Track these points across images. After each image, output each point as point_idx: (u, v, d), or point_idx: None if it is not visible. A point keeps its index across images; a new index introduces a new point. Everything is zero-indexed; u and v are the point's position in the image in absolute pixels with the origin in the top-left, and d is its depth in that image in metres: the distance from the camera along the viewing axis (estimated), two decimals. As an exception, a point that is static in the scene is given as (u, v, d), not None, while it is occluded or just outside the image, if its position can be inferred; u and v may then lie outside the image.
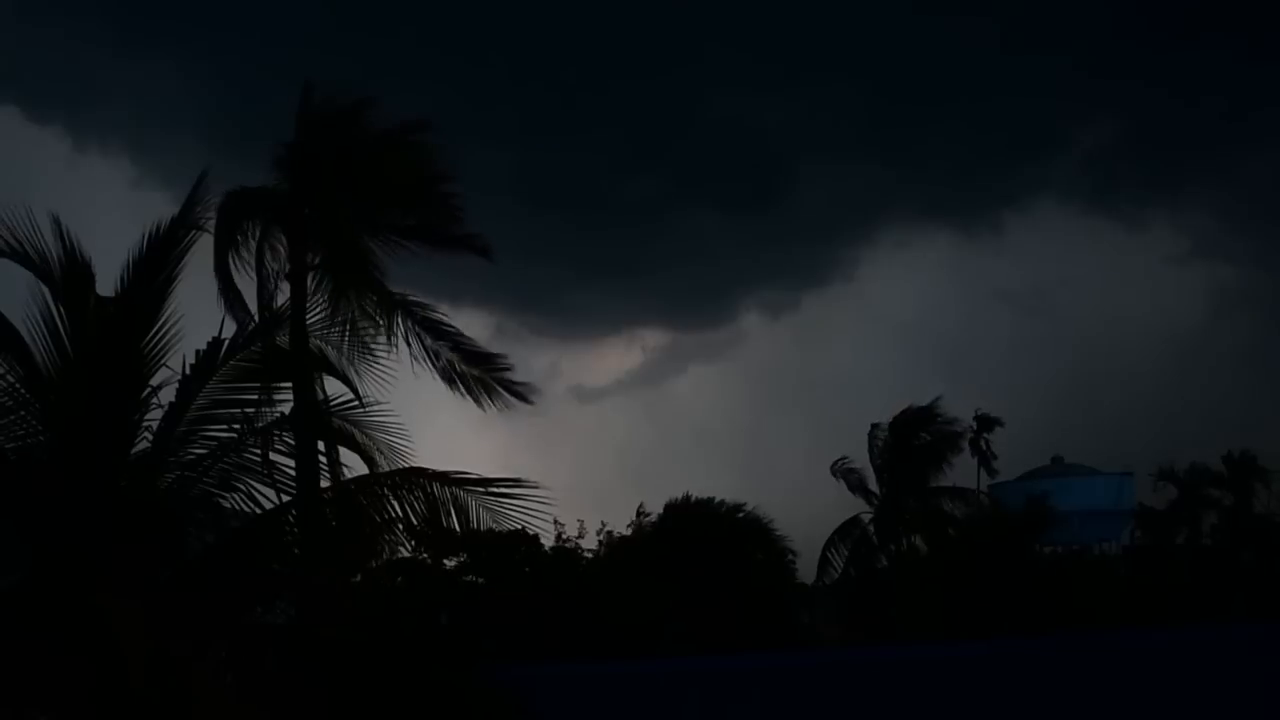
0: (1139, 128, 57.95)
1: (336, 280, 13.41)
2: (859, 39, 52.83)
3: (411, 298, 14.85)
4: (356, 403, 10.39)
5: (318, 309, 12.89)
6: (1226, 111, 56.72)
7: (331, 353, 12.00)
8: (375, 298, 14.10)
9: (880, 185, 58.49)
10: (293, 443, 8.76)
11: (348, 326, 12.69)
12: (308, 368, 10.46)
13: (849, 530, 30.31)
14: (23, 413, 8.09)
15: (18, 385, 8.11)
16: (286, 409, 9.14)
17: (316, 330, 11.88)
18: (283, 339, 10.38)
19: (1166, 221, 64.49)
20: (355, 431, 10.06)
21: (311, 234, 13.87)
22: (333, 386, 11.35)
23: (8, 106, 50.15)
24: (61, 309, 8.28)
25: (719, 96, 54.67)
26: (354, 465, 10.07)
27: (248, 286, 13.68)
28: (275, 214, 13.86)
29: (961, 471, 32.12)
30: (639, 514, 27.33)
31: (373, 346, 12.73)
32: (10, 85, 51.04)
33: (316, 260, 13.76)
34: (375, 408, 9.98)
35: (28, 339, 8.20)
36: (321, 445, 9.87)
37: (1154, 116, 56.96)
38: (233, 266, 13.59)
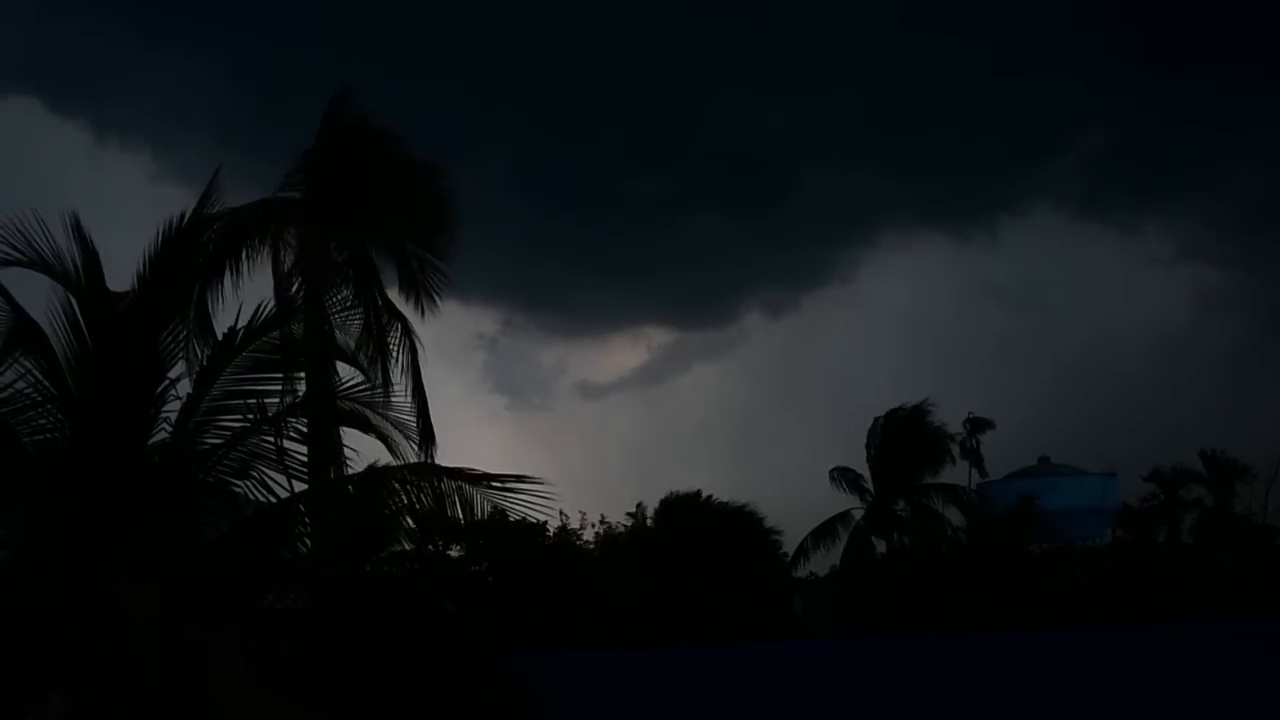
0: (1132, 138, 58.67)
1: (355, 281, 13.81)
2: (861, 52, 53.42)
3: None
4: (368, 385, 10.64)
5: (334, 304, 13.30)
6: (1217, 123, 57.50)
7: (345, 340, 12.29)
8: (381, 302, 14.63)
9: (880, 191, 59.00)
10: (305, 430, 9.01)
11: (364, 319, 13.17)
12: (322, 355, 10.70)
13: (834, 526, 30.75)
14: (49, 406, 8.32)
15: (41, 380, 8.34)
16: (297, 399, 9.37)
17: (334, 314, 12.26)
18: (297, 330, 10.62)
19: (1157, 226, 65.14)
20: (368, 413, 10.30)
21: (328, 234, 14.23)
22: (344, 376, 11.54)
23: (29, 98, 50.10)
24: (80, 307, 8.51)
25: (726, 104, 55.34)
26: (365, 450, 10.28)
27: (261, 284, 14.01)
28: (291, 214, 14.19)
29: (953, 469, 32.55)
30: (637, 512, 27.64)
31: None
32: (32, 78, 51.10)
33: (338, 258, 14.19)
34: (387, 389, 10.19)
35: (49, 335, 8.43)
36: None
37: (1146, 128, 57.65)
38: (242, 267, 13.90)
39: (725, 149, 56.71)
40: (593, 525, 27.34)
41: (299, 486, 8.90)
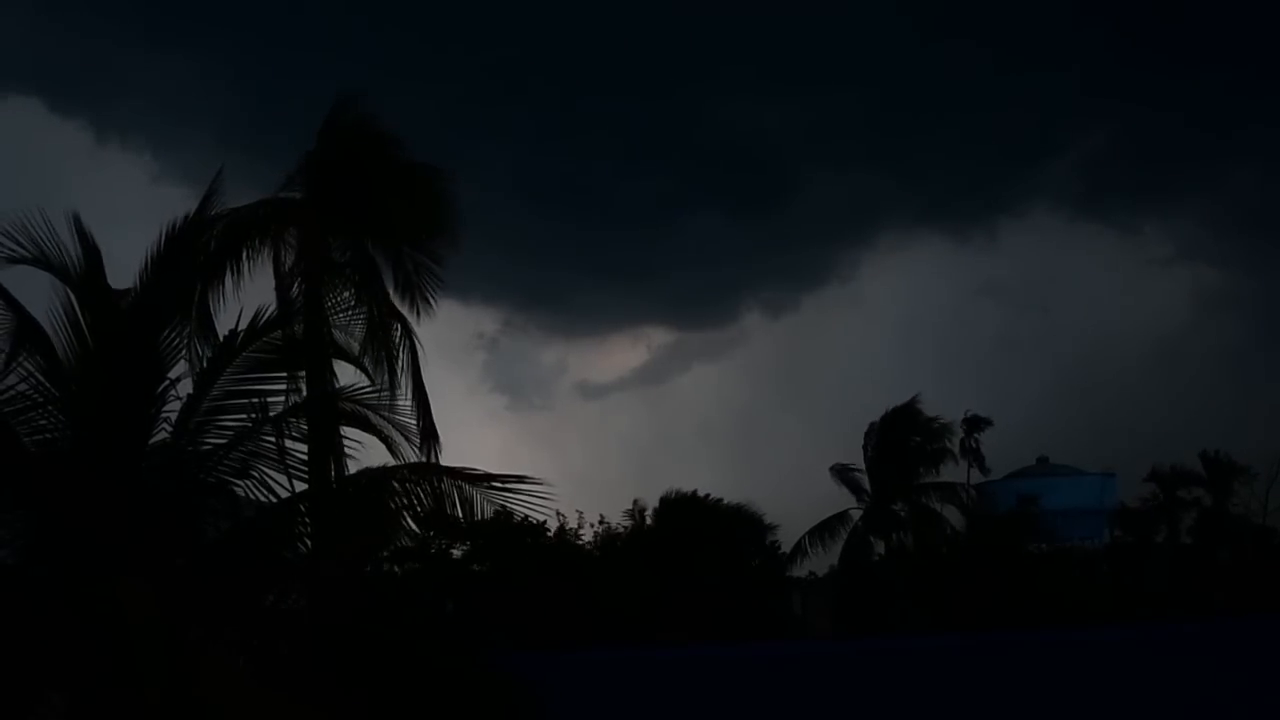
0: (1131, 138, 58.85)
1: (356, 282, 13.92)
2: (861, 52, 53.67)
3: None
4: (370, 387, 10.70)
5: (336, 305, 13.38)
6: (1216, 124, 57.68)
7: (345, 339, 12.36)
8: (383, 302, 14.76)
9: (880, 191, 59.20)
10: (305, 429, 9.04)
11: (367, 319, 13.29)
12: (322, 355, 10.75)
13: (833, 525, 30.77)
14: (50, 406, 8.33)
15: (43, 381, 8.35)
16: (301, 398, 9.41)
17: (335, 315, 12.35)
18: (298, 331, 10.67)
19: (1156, 227, 65.32)
20: (369, 414, 10.35)
21: (329, 235, 14.31)
22: (345, 376, 11.61)
23: (30, 98, 50.23)
24: (81, 305, 8.53)
25: (725, 104, 55.60)
26: (368, 446, 10.32)
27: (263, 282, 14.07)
28: (293, 215, 14.25)
29: (952, 468, 32.58)
30: (634, 509, 27.70)
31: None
32: (32, 78, 51.31)
33: (339, 258, 14.29)
34: (388, 392, 10.25)
35: (50, 335, 8.45)
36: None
37: (1145, 128, 57.82)
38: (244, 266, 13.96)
39: (725, 149, 56.93)
40: (591, 525, 27.42)
41: (299, 486, 8.93)
